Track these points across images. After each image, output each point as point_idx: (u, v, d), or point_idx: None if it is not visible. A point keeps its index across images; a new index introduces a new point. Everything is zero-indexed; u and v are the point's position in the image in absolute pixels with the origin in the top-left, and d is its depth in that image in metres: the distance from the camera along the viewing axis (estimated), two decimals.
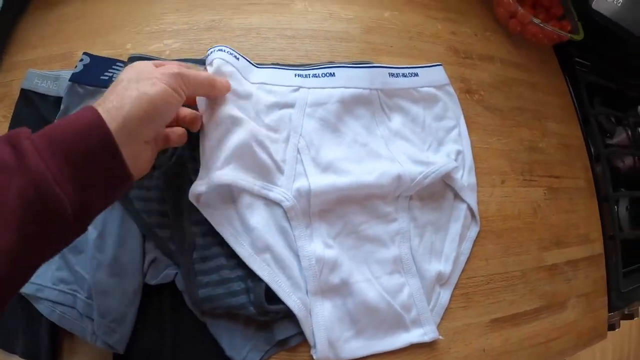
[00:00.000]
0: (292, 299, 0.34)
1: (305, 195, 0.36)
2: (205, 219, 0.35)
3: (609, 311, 0.48)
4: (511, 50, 0.54)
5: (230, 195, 0.36)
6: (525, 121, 0.50)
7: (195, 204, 0.35)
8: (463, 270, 0.41)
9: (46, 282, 0.36)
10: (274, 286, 0.33)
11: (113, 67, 0.45)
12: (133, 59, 0.41)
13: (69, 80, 0.43)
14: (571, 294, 0.46)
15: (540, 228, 0.46)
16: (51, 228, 0.21)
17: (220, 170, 0.33)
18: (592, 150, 0.53)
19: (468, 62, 0.50)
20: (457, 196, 0.42)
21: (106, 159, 0.23)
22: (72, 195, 0.21)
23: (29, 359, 0.36)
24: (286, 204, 0.35)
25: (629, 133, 0.59)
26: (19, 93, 0.45)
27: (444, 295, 0.40)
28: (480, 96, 0.48)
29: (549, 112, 0.52)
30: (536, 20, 0.51)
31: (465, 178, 0.42)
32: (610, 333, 0.50)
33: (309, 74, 0.40)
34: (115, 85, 0.26)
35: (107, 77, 0.45)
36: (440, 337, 0.38)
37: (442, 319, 0.39)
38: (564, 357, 0.45)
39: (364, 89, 0.41)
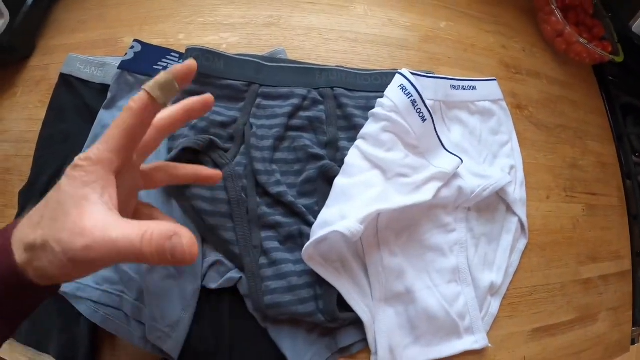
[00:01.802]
0: (360, 307, 0.34)
1: None
2: (272, 225, 0.35)
3: (633, 325, 0.51)
4: (555, 67, 0.55)
5: None
6: (568, 139, 0.52)
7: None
8: (510, 281, 0.43)
9: (88, 280, 0.34)
10: (344, 293, 0.34)
11: (167, 56, 0.44)
12: (193, 50, 0.40)
13: (119, 67, 0.42)
14: (602, 307, 0.49)
15: (578, 243, 0.48)
16: None
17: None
18: (625, 169, 0.55)
19: (518, 78, 0.51)
20: (509, 209, 0.43)
21: (24, 296, 0.21)
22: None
23: None
24: None
25: None
26: (57, 78, 0.43)
27: (494, 305, 0.41)
28: (529, 112, 0.50)
29: (588, 130, 0.54)
30: (582, 40, 0.52)
31: (517, 192, 0.44)
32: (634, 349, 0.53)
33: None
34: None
35: (160, 67, 0.44)
36: (490, 345, 0.39)
37: (490, 327, 0.41)
38: None
39: (429, 100, 0.41)
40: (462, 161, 0.38)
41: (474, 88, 0.45)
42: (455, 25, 0.51)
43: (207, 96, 0.27)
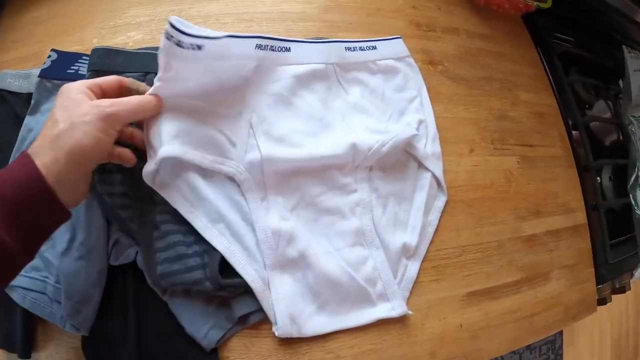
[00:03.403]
0: (247, 270, 0.33)
1: (258, 167, 0.35)
2: (163, 199, 0.35)
3: (597, 283, 0.46)
4: (477, 22, 0.53)
5: (183, 172, 0.35)
6: (494, 91, 0.49)
7: (151, 185, 0.35)
8: (432, 242, 0.40)
9: None
10: (229, 256, 0.32)
11: (79, 60, 0.47)
12: (97, 50, 0.42)
13: (38, 76, 0.45)
14: (554, 265, 0.44)
15: (516, 197, 0.45)
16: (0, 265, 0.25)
17: (167, 145, 0.33)
18: (569, 119, 0.51)
19: (431, 35, 0.49)
20: (421, 166, 0.41)
21: (47, 208, 0.27)
22: (17, 239, 0.25)
23: (5, 348, 0.36)
24: (239, 176, 0.34)
25: (610, 104, 0.57)
26: None
27: (412, 268, 0.38)
28: (444, 67, 0.47)
29: (519, 81, 0.51)
30: None
31: (429, 147, 0.41)
32: (607, 312, 0.48)
33: (267, 46, 0.39)
34: (50, 130, 0.28)
35: (73, 71, 0.46)
36: (410, 312, 0.36)
37: (411, 293, 0.38)
38: (551, 331, 0.42)
39: (319, 63, 0.40)
40: None
41: (374, 48, 0.43)
42: None
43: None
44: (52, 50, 0.46)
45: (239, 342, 0.35)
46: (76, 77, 0.45)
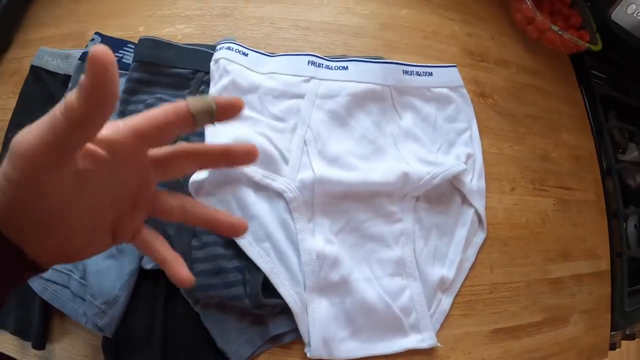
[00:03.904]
0: (289, 291, 0.33)
1: (309, 187, 0.35)
2: None
3: (612, 330, 0.47)
4: (527, 56, 0.53)
5: (230, 184, 0.35)
6: (539, 129, 0.49)
7: (194, 195, 0.34)
8: (466, 277, 0.40)
9: None
10: (272, 277, 0.32)
11: (124, 47, 0.46)
12: (145, 40, 0.41)
13: (79, 59, 0.44)
14: (574, 309, 0.45)
15: (548, 239, 0.45)
16: None
17: None
18: (604, 164, 0.52)
19: (483, 65, 0.49)
20: (465, 200, 0.41)
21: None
22: None
23: (19, 336, 0.36)
24: (289, 194, 0.34)
25: None
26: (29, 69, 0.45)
27: (446, 302, 0.38)
28: (493, 100, 0.47)
29: (562, 121, 0.51)
30: (555, 28, 0.50)
31: (475, 182, 0.41)
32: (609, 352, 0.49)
33: (322, 64, 0.39)
34: None
35: (117, 58, 0.44)
36: (439, 344, 0.37)
37: (442, 326, 0.38)
38: None
39: (376, 84, 0.40)
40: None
41: (430, 74, 0.43)
42: (416, 13, 0.49)
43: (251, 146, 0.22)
44: (96, 33, 0.46)
45: (267, 359, 0.35)
46: (120, 64, 0.44)
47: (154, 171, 0.21)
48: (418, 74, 0.42)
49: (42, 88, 0.45)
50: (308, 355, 0.33)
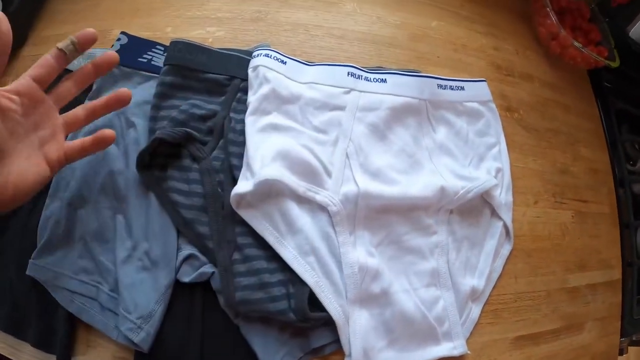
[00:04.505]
0: (333, 305, 0.33)
1: (353, 201, 0.35)
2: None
3: (621, 336, 0.50)
4: (548, 71, 0.54)
5: (274, 197, 0.35)
6: (559, 144, 0.51)
7: (235, 207, 0.34)
8: (494, 287, 0.42)
9: (65, 269, 0.34)
10: (317, 291, 0.33)
11: (153, 49, 0.44)
12: (177, 43, 0.40)
13: None
14: (589, 317, 0.47)
15: (567, 250, 0.47)
16: None
17: (267, 167, 0.33)
18: (617, 176, 0.54)
19: (509, 80, 0.50)
20: (493, 213, 0.42)
21: None
22: None
23: (40, 348, 0.34)
24: (333, 208, 0.35)
25: None
26: None
27: (475, 311, 0.40)
28: (519, 115, 0.49)
29: (580, 136, 0.53)
30: (577, 44, 0.51)
31: (503, 196, 0.43)
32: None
33: (361, 76, 0.39)
34: None
35: (145, 60, 0.44)
36: (469, 352, 0.38)
37: (470, 333, 0.40)
38: None
39: (413, 98, 0.40)
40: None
41: (462, 88, 0.44)
42: (446, 25, 0.50)
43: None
44: (122, 33, 0.44)
45: None
46: (149, 67, 0.43)
47: (52, 99, 0.30)
48: (451, 87, 0.43)
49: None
50: None
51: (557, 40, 0.53)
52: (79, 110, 0.32)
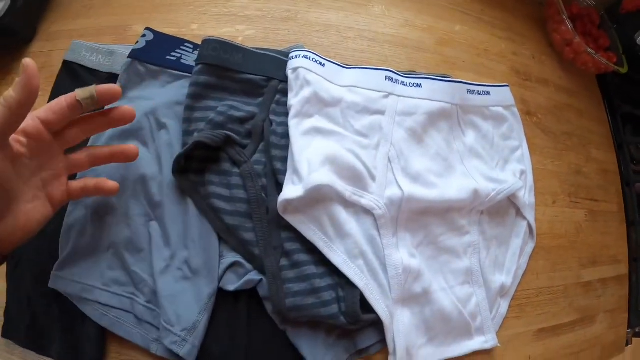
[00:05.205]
0: (381, 306, 0.34)
1: (397, 204, 0.36)
2: (291, 225, 0.34)
3: (628, 328, 0.53)
4: (563, 76, 0.56)
5: (322, 202, 0.35)
6: (573, 146, 0.53)
7: (281, 213, 0.34)
8: (519, 283, 0.44)
9: (94, 282, 0.33)
10: (367, 293, 0.34)
11: (182, 47, 0.43)
12: (210, 41, 0.39)
13: (129, 56, 0.41)
14: (600, 309, 0.50)
15: (581, 247, 0.50)
16: None
17: (317, 173, 0.33)
18: (624, 176, 0.57)
19: (528, 85, 0.52)
20: (518, 213, 0.44)
21: None
22: None
23: None
24: (378, 212, 0.36)
25: None
26: (60, 65, 0.42)
27: (504, 306, 0.42)
28: (538, 119, 0.51)
29: (592, 138, 0.55)
30: (590, 51, 0.53)
31: (527, 197, 0.45)
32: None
33: (398, 80, 0.40)
34: None
35: (174, 58, 0.42)
36: (499, 344, 0.40)
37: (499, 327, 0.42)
38: None
39: (446, 103, 0.42)
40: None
41: (488, 93, 0.45)
42: (469, 30, 0.51)
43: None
44: (147, 29, 0.42)
45: None
46: (178, 65, 0.42)
47: (58, 143, 0.29)
48: (479, 93, 0.44)
49: (80, 86, 0.42)
50: None
51: (571, 47, 0.55)
52: (82, 155, 0.31)
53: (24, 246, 0.34)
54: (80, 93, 0.27)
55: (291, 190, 0.33)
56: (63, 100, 0.27)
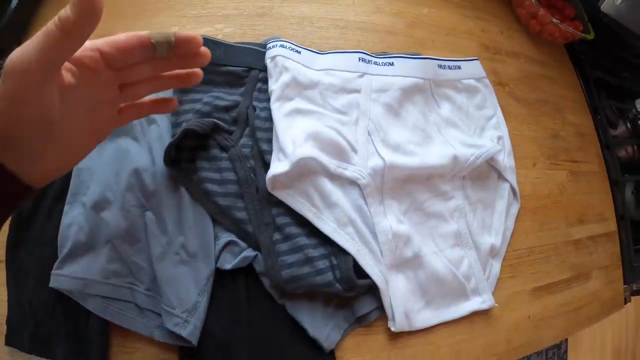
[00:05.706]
0: (375, 271, 0.36)
1: (380, 173, 0.38)
2: (281, 201, 0.36)
3: (624, 283, 0.54)
4: (532, 48, 0.59)
5: (308, 176, 0.37)
6: (548, 112, 0.55)
7: (270, 189, 0.35)
8: (509, 244, 0.45)
9: (94, 276, 0.34)
10: (359, 258, 0.35)
11: None
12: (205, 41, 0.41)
13: None
14: (593, 266, 0.52)
15: (566, 207, 0.51)
16: None
17: (301, 147, 0.35)
18: (602, 139, 0.59)
19: (497, 58, 0.54)
20: (500, 176, 0.46)
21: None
22: None
23: None
24: (362, 181, 0.37)
25: (628, 125, 0.66)
26: None
27: (496, 266, 0.43)
28: (510, 88, 0.53)
29: (566, 104, 0.58)
30: (555, 21, 0.56)
31: (506, 160, 0.47)
32: (609, 321, 0.56)
33: (371, 60, 0.43)
34: None
35: None
36: (496, 304, 0.42)
37: (494, 288, 0.43)
38: (591, 322, 0.50)
39: (419, 78, 0.44)
40: None
41: (459, 67, 0.47)
42: (437, 12, 0.54)
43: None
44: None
45: (350, 340, 0.36)
46: None
47: (119, 92, 0.26)
48: (450, 67, 0.47)
49: None
50: (393, 329, 0.36)
51: (537, 19, 0.58)
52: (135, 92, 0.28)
53: (24, 252, 0.35)
54: (156, 36, 0.23)
55: (278, 166, 0.35)
56: (135, 37, 0.23)
